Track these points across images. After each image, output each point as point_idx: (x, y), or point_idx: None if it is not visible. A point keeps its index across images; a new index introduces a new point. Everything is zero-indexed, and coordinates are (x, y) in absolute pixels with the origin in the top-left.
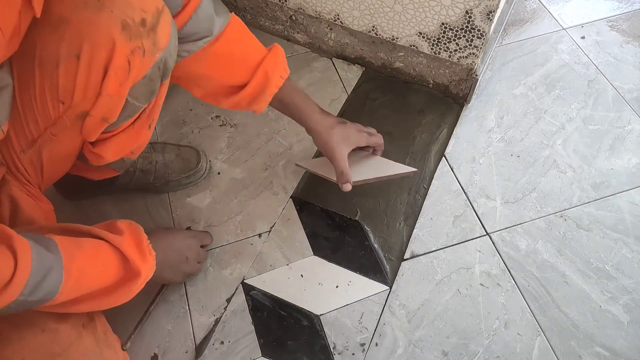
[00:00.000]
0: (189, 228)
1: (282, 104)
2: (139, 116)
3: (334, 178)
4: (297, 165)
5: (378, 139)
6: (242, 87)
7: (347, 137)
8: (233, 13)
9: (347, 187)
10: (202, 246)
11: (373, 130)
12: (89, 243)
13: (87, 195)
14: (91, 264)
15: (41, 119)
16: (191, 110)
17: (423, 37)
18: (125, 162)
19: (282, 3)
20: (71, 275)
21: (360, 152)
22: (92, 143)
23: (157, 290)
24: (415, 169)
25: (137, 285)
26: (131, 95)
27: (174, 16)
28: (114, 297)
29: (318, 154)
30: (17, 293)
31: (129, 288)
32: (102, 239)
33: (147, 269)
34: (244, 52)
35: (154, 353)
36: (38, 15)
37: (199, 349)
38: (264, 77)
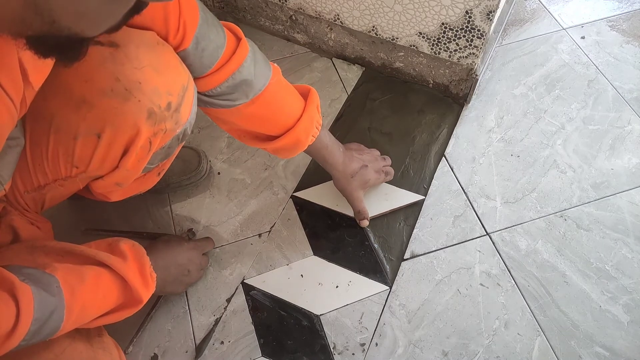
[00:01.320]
0: (190, 230)
1: (309, 153)
2: (151, 169)
3: (344, 211)
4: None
5: (390, 170)
6: (269, 139)
7: (365, 182)
8: (275, 67)
9: (365, 224)
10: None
11: (389, 161)
12: (91, 274)
13: (87, 195)
14: (92, 297)
15: (51, 173)
16: None
17: (423, 37)
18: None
19: (282, 3)
20: (72, 312)
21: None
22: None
23: (158, 297)
24: (423, 197)
25: (137, 309)
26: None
27: (209, 73)
28: (112, 318)
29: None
30: (19, 340)
31: (128, 312)
32: (106, 264)
33: (148, 294)
34: (278, 114)
35: (154, 353)
36: (36, 89)
37: (199, 349)
38: (294, 139)
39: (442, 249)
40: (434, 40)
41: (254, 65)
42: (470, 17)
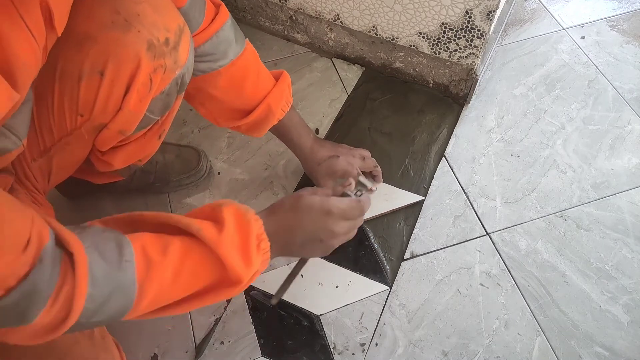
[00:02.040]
0: None
1: (278, 132)
2: (151, 127)
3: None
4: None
5: (370, 163)
6: (244, 113)
7: (333, 172)
8: (248, 40)
9: None
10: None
11: (366, 154)
12: (177, 246)
13: (87, 194)
14: (175, 274)
15: (57, 129)
16: (191, 110)
17: (423, 37)
18: (131, 168)
19: (282, 3)
20: (146, 290)
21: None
22: (101, 151)
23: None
24: (423, 197)
25: (235, 290)
26: (148, 109)
27: (195, 34)
28: (205, 300)
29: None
30: (75, 316)
31: (226, 293)
32: (198, 239)
33: (250, 271)
34: (253, 81)
35: (154, 353)
36: (59, 34)
37: (199, 349)
38: (266, 109)
39: (442, 249)
40: (434, 40)
41: (234, 29)
42: (470, 17)
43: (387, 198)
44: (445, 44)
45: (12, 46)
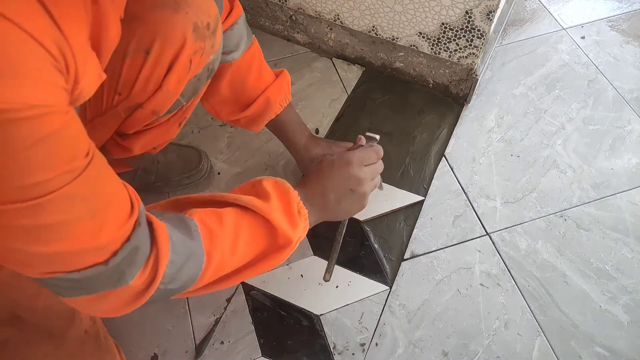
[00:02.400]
0: None
1: (275, 128)
2: (175, 113)
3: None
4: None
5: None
6: (245, 106)
7: None
8: (254, 36)
9: None
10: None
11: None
12: (231, 216)
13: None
14: (233, 242)
15: (90, 110)
16: None
17: (423, 37)
18: (143, 157)
19: (282, 3)
20: (212, 258)
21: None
22: (120, 136)
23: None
24: (423, 197)
25: (287, 252)
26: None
27: None
28: (261, 267)
29: None
30: (157, 282)
31: (279, 257)
32: (248, 207)
33: (296, 234)
34: (256, 75)
35: (154, 353)
36: (122, 17)
37: (199, 349)
38: (265, 102)
39: (442, 249)
40: (434, 40)
41: (246, 24)
42: (470, 17)
43: (387, 198)
44: (445, 44)
45: (109, 21)
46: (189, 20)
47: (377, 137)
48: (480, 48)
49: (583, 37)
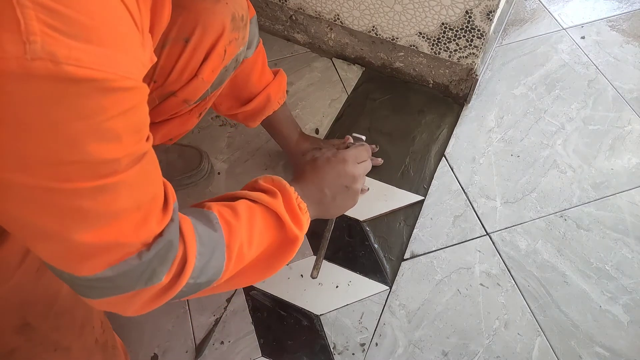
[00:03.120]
0: None
1: (270, 125)
2: (198, 103)
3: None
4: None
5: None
6: (245, 101)
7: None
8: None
9: None
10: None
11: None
12: (245, 209)
13: None
14: (249, 234)
15: None
16: None
17: (423, 37)
18: (157, 150)
19: (282, 3)
20: (232, 250)
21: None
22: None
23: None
24: (423, 197)
25: (296, 246)
26: None
27: None
28: (275, 262)
29: None
30: (188, 275)
31: (289, 250)
32: (257, 201)
33: (301, 228)
34: (259, 72)
35: (154, 353)
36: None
37: (199, 349)
38: (266, 98)
39: (442, 249)
40: (434, 40)
41: (257, 24)
42: (470, 17)
43: (387, 198)
44: (445, 44)
45: (165, 2)
46: (229, 10)
47: (364, 137)
48: (480, 48)
49: (583, 37)
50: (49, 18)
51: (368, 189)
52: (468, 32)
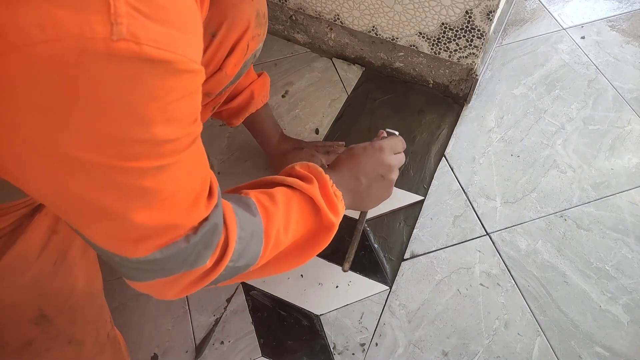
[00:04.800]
0: None
1: (252, 124)
2: (214, 97)
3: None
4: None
5: (333, 156)
6: (227, 99)
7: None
8: None
9: None
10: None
11: (331, 148)
12: (282, 195)
13: None
14: (286, 220)
15: None
16: None
17: (423, 37)
18: None
19: (282, 3)
20: (270, 236)
21: None
22: None
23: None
24: (423, 197)
25: (331, 233)
26: None
27: None
28: (310, 249)
29: None
30: (229, 258)
31: (324, 237)
32: (294, 188)
33: (336, 215)
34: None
35: (154, 353)
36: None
37: (199, 349)
38: (249, 96)
39: (442, 249)
40: (434, 40)
41: None
42: (470, 17)
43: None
44: (445, 44)
45: (205, 1)
46: (254, 7)
47: (397, 132)
48: (480, 48)
49: (583, 37)
50: (134, 0)
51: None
52: (468, 32)
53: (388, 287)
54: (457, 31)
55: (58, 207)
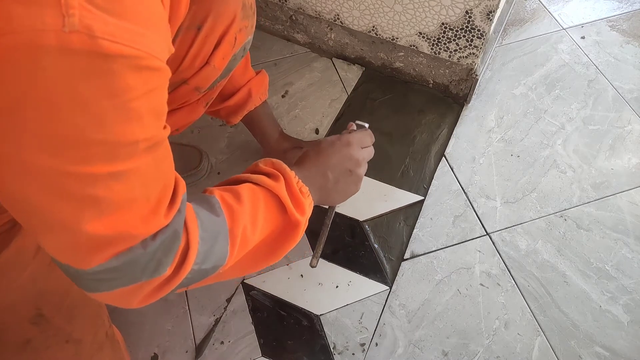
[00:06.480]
0: None
1: (251, 121)
2: (205, 93)
3: (344, 212)
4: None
5: None
6: (225, 97)
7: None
8: None
9: None
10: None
11: None
12: (247, 192)
13: None
14: (252, 219)
15: None
16: None
17: (423, 37)
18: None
19: (282, 3)
20: (235, 236)
21: None
22: None
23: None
24: (423, 197)
25: (299, 231)
26: None
27: None
28: (278, 249)
29: None
30: (192, 261)
31: (292, 235)
32: (260, 186)
33: (303, 212)
34: (242, 69)
35: (154, 353)
36: None
37: (199, 349)
38: (247, 93)
39: (442, 249)
40: (434, 40)
41: None
42: (470, 17)
43: (387, 198)
44: (445, 44)
45: None
46: None
47: (367, 125)
48: (480, 48)
49: (583, 37)
50: None
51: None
52: (468, 32)
53: (388, 287)
54: (457, 31)
55: (15, 214)
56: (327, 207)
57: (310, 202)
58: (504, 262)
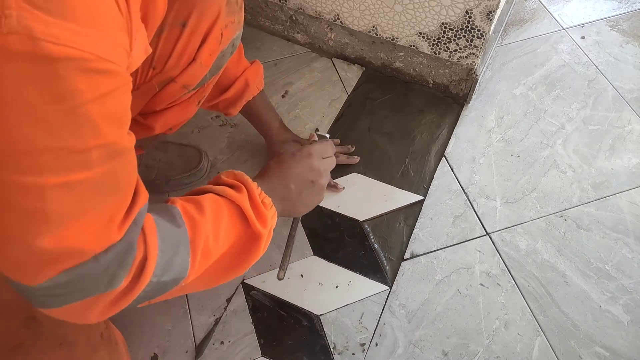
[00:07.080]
0: None
1: (250, 111)
2: (196, 90)
3: (344, 212)
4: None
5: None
6: (222, 90)
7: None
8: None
9: None
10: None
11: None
12: (210, 203)
13: None
14: (215, 230)
15: None
16: None
17: (423, 37)
18: (157, 139)
19: (282, 3)
20: (197, 248)
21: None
22: (142, 114)
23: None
24: (423, 197)
25: (259, 245)
26: None
27: None
28: (241, 261)
29: None
30: (150, 274)
31: (252, 253)
32: (222, 197)
33: (265, 224)
34: (236, 61)
35: (154, 353)
36: None
37: (199, 349)
38: (244, 83)
39: (442, 249)
40: (434, 40)
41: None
42: (470, 17)
43: (387, 198)
44: (445, 44)
45: None
46: None
47: (328, 135)
48: (480, 48)
49: (583, 37)
50: None
51: (343, 188)
52: (468, 32)
53: (388, 287)
54: (457, 31)
55: None
56: (291, 219)
57: (273, 214)
58: (504, 262)
